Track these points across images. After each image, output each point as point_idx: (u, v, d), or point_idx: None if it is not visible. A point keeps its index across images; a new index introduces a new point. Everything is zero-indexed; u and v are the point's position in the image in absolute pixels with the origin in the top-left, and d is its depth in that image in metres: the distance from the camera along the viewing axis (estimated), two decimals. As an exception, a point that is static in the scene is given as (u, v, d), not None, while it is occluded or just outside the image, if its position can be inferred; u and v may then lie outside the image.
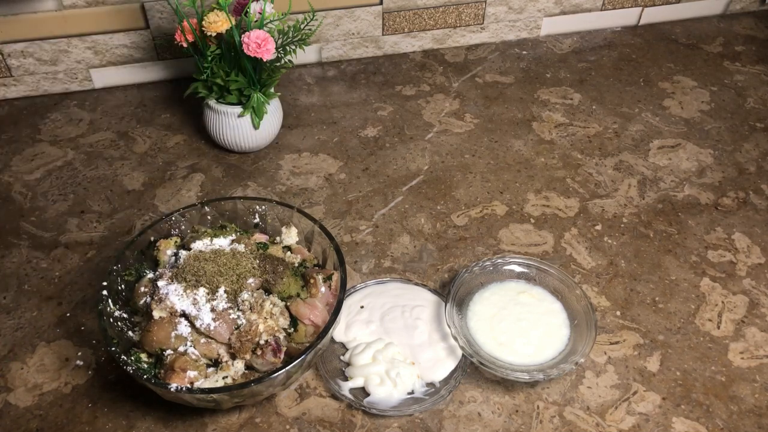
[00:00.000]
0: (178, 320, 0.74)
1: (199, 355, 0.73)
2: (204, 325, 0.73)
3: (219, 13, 0.94)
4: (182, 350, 0.73)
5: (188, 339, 0.74)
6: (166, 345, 0.73)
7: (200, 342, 0.74)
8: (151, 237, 0.83)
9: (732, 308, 0.88)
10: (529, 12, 1.30)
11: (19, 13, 1.08)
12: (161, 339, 0.73)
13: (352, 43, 1.26)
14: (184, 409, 0.77)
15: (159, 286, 0.76)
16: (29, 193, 1.03)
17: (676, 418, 0.77)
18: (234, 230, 0.84)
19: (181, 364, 0.71)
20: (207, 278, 0.75)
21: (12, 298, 0.89)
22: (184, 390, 0.69)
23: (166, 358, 0.73)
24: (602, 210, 1.01)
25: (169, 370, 0.72)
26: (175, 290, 0.75)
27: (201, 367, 0.72)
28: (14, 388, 0.80)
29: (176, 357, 0.72)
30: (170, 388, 0.69)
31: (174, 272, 0.77)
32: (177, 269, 0.77)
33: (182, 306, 0.74)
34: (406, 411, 0.76)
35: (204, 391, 0.69)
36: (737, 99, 1.21)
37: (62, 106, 1.17)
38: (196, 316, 0.74)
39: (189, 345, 0.74)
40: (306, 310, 0.76)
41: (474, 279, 0.87)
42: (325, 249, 0.83)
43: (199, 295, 0.74)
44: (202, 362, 0.73)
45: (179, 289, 0.75)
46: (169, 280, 0.76)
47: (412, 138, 1.12)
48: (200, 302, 0.74)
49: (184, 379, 0.71)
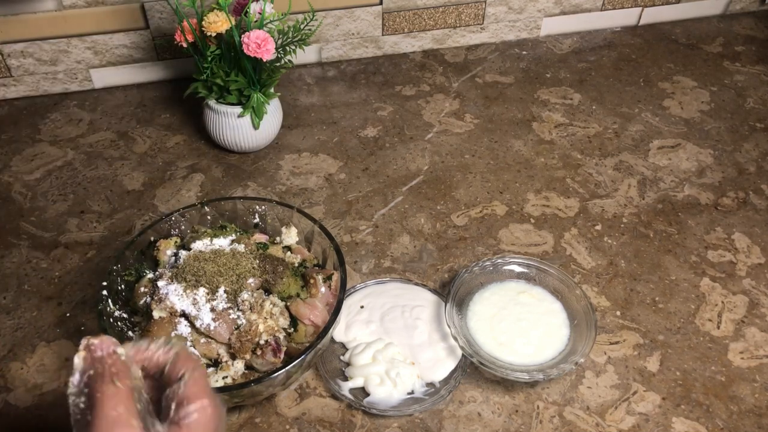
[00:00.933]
0: (177, 320, 0.74)
1: (199, 355, 0.73)
2: (204, 325, 0.73)
3: (219, 13, 0.94)
4: None
5: (188, 339, 0.74)
6: None
7: (200, 342, 0.74)
8: (151, 237, 0.83)
9: (732, 308, 0.88)
10: (529, 12, 1.30)
11: (19, 13, 1.08)
12: None
13: (352, 43, 1.26)
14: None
15: (159, 286, 0.76)
16: (29, 193, 1.03)
17: (676, 418, 0.77)
18: (234, 230, 0.84)
19: None
20: (207, 278, 0.75)
21: (12, 298, 0.89)
22: None
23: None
24: (602, 210, 1.01)
25: None
26: (175, 290, 0.75)
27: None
28: (14, 388, 0.80)
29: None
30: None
31: (174, 272, 0.77)
32: (177, 269, 0.77)
33: (182, 306, 0.74)
34: (406, 411, 0.76)
35: None
36: (737, 99, 1.21)
37: (62, 106, 1.17)
38: (196, 316, 0.74)
39: (189, 345, 0.74)
40: (306, 310, 0.76)
41: (474, 279, 0.87)
42: (325, 249, 0.83)
43: (198, 295, 0.74)
44: (202, 362, 0.73)
45: (179, 289, 0.75)
46: (169, 280, 0.76)
47: (412, 138, 1.12)
48: (200, 302, 0.74)
49: None
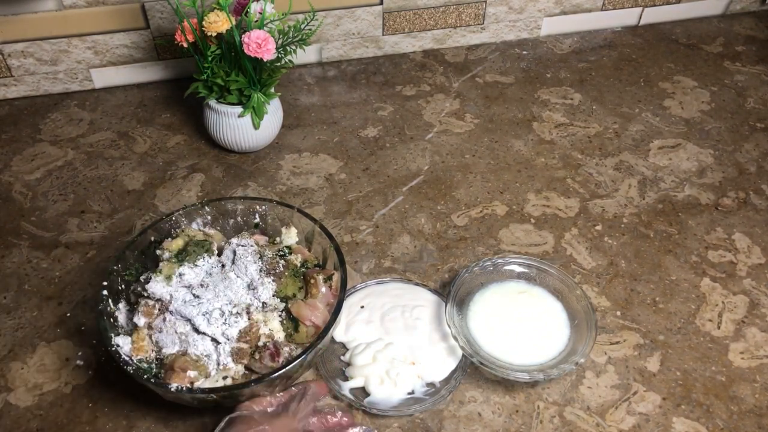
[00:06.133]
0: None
1: (199, 355, 0.73)
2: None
3: (219, 13, 0.94)
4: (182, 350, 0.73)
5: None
6: None
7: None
8: (152, 237, 0.83)
9: (732, 308, 0.88)
10: (529, 12, 1.30)
11: (19, 13, 1.08)
12: None
13: (353, 43, 1.26)
14: (184, 409, 0.77)
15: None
16: (29, 193, 1.03)
17: (677, 418, 0.77)
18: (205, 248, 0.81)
19: (181, 364, 0.71)
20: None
21: (12, 298, 0.89)
22: (185, 390, 0.69)
23: (166, 358, 0.73)
24: (602, 210, 1.01)
25: (169, 370, 0.72)
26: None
27: (201, 367, 0.72)
28: (14, 388, 0.80)
29: (176, 357, 0.72)
30: (171, 388, 0.69)
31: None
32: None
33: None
34: (406, 411, 0.76)
35: (204, 391, 0.69)
36: (737, 99, 1.21)
37: (62, 106, 1.17)
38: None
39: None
40: (307, 311, 0.76)
41: (474, 279, 0.87)
42: (326, 249, 0.83)
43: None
44: (203, 362, 0.73)
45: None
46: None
47: (413, 138, 1.12)
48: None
49: (184, 379, 0.71)
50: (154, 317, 0.74)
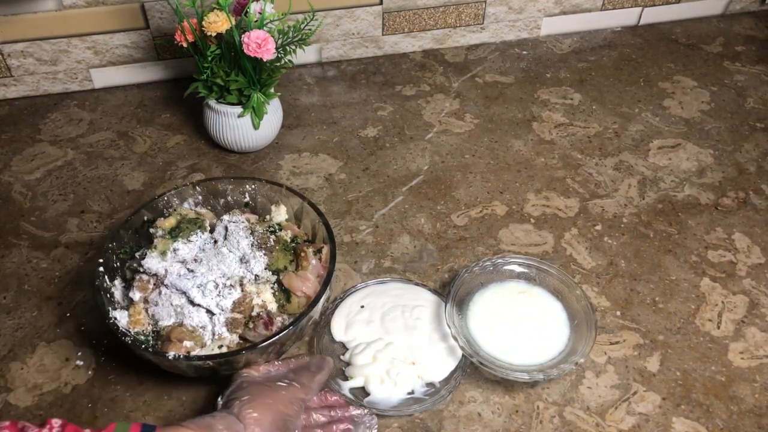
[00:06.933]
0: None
1: (195, 326, 0.75)
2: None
3: (219, 13, 0.94)
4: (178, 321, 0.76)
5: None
6: None
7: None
8: (145, 216, 0.85)
9: (732, 308, 0.88)
10: (529, 12, 1.30)
11: (19, 13, 1.08)
12: None
13: (352, 43, 1.26)
14: (185, 409, 0.77)
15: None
16: (29, 193, 1.03)
17: (676, 418, 0.77)
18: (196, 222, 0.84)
19: (177, 334, 0.74)
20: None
21: (12, 298, 0.89)
22: (182, 358, 0.71)
23: (162, 330, 0.75)
24: (602, 210, 1.01)
25: (166, 340, 0.74)
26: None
27: (197, 338, 0.74)
28: (14, 388, 0.80)
29: (173, 328, 0.75)
30: (168, 356, 0.71)
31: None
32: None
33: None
34: (406, 411, 0.76)
35: (201, 359, 0.71)
36: (737, 99, 1.21)
37: (62, 106, 1.17)
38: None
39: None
40: (298, 282, 0.78)
41: (474, 279, 0.87)
42: (315, 225, 0.85)
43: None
44: (198, 333, 0.75)
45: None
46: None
47: (412, 138, 1.12)
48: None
49: (181, 349, 0.73)
50: (150, 291, 0.77)
